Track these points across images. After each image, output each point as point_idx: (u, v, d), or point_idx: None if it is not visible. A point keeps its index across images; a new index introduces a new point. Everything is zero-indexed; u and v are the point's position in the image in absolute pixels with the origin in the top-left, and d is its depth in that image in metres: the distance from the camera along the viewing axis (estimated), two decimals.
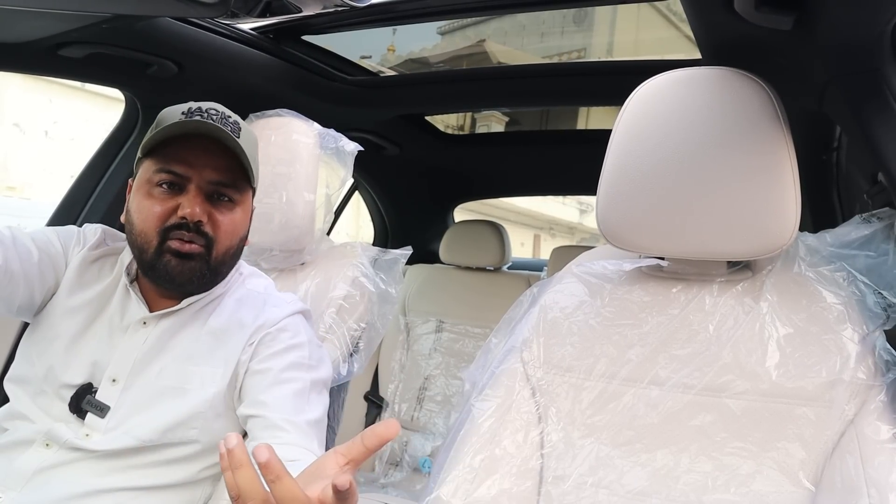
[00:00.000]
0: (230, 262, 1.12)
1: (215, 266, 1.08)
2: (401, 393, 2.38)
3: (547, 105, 2.63)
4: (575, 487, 0.95)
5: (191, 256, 1.04)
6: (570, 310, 1.04)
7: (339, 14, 1.67)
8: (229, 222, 1.08)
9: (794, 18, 0.87)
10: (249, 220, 1.16)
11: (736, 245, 0.90)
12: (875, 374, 0.86)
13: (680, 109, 0.93)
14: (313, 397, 1.08)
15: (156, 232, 1.03)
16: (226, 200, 1.08)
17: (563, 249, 2.43)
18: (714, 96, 0.91)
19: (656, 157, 0.92)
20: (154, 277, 1.07)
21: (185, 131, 1.03)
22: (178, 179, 1.04)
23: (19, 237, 1.08)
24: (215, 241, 1.06)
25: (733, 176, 0.89)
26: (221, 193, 1.07)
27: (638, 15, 2.38)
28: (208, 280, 1.09)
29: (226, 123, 1.05)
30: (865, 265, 0.93)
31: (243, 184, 1.09)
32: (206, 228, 1.05)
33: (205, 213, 1.04)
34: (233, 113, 1.09)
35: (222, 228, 1.07)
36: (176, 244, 1.03)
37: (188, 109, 1.05)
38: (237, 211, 1.09)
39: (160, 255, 1.03)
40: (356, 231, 5.45)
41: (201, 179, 1.04)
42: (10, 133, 6.48)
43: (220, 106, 1.08)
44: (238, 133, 1.06)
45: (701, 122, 0.91)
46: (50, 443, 1.02)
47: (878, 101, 0.88)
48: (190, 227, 1.03)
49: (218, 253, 1.07)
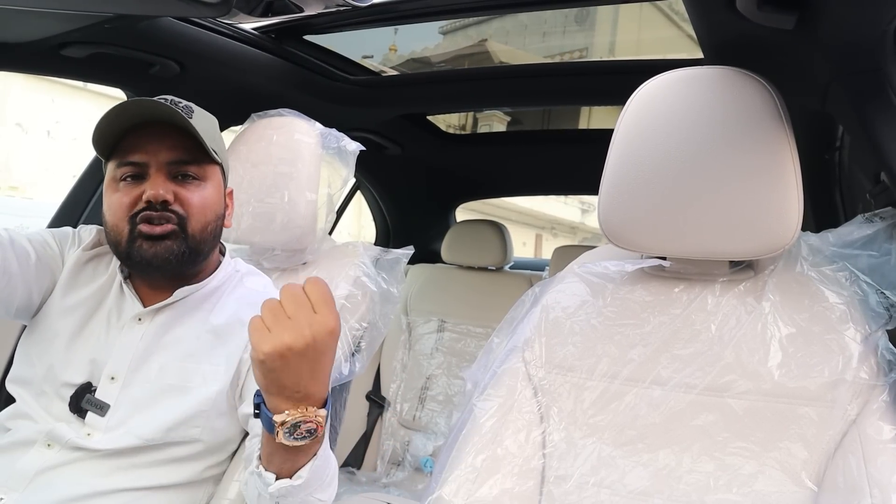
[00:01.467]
0: (211, 240, 1.11)
1: (194, 244, 1.07)
2: (402, 392, 2.38)
3: (549, 105, 2.63)
4: (577, 487, 0.95)
5: (163, 237, 1.04)
6: (571, 309, 1.03)
7: (340, 14, 1.67)
8: (199, 198, 1.07)
9: (796, 18, 0.87)
10: (224, 199, 1.15)
11: (738, 245, 0.90)
12: (878, 374, 0.86)
13: (682, 109, 0.92)
14: None
15: (125, 221, 1.04)
16: (191, 179, 1.08)
17: (564, 249, 2.43)
18: (716, 96, 0.91)
19: (658, 157, 0.92)
20: (132, 266, 1.08)
21: (131, 120, 1.04)
22: (138, 169, 1.04)
23: (16, 239, 1.08)
24: (188, 217, 1.06)
25: (736, 175, 0.89)
26: (185, 173, 1.07)
27: (640, 14, 2.38)
28: (188, 259, 1.07)
29: (175, 105, 1.05)
30: (868, 265, 0.93)
31: (205, 160, 1.09)
32: (175, 207, 1.05)
33: (169, 192, 1.04)
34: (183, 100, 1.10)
35: (193, 204, 1.06)
36: (146, 227, 1.03)
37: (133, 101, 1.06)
38: (206, 187, 1.09)
39: (132, 242, 1.04)
40: (358, 231, 5.46)
41: (159, 162, 1.04)
42: (12, 133, 6.49)
43: (169, 96, 1.09)
44: (190, 114, 1.06)
45: (703, 122, 0.91)
46: (52, 443, 1.02)
47: (881, 101, 0.88)
48: (157, 208, 1.03)
49: (194, 230, 1.07)
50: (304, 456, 0.87)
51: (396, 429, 2.33)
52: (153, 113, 1.03)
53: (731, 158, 0.89)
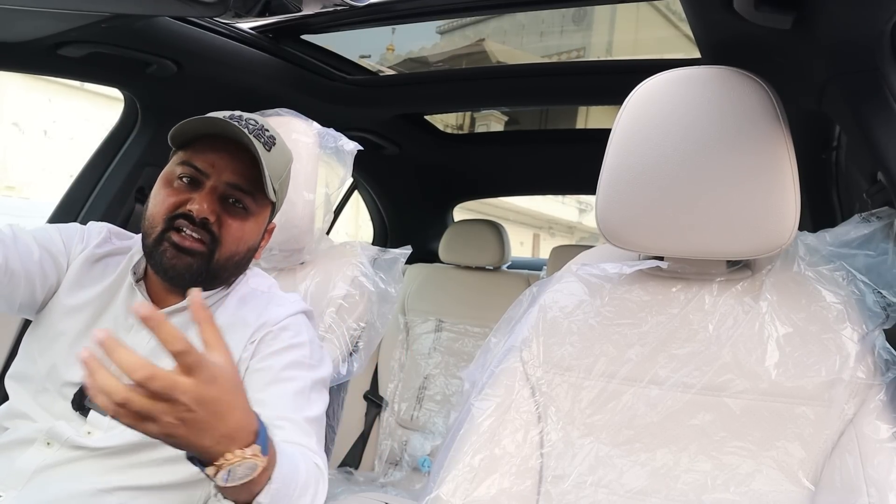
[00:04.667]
0: (233, 269, 1.12)
1: (215, 269, 1.08)
2: (400, 392, 2.38)
3: (546, 104, 2.63)
4: (574, 487, 0.95)
5: (189, 252, 1.04)
6: (569, 309, 1.04)
7: (338, 13, 1.67)
8: (238, 228, 1.08)
9: (793, 18, 0.87)
10: (262, 235, 1.16)
11: (735, 244, 0.90)
12: (874, 374, 0.86)
13: (679, 109, 0.93)
14: (314, 396, 1.07)
15: (162, 219, 1.04)
16: (239, 207, 1.08)
17: (562, 249, 2.44)
18: (713, 95, 0.91)
19: (656, 157, 0.92)
20: (152, 265, 1.08)
21: (212, 130, 1.05)
22: (197, 175, 1.05)
23: (20, 235, 1.08)
24: (220, 242, 1.06)
25: (733, 175, 0.89)
26: (237, 199, 1.07)
27: (637, 14, 2.38)
28: (204, 280, 1.08)
29: (260, 135, 1.06)
30: (865, 264, 0.93)
31: (261, 196, 1.09)
32: (213, 227, 1.05)
33: (213, 212, 1.04)
34: (269, 123, 1.11)
35: (229, 232, 1.07)
36: (176, 237, 1.04)
37: (230, 115, 1.07)
38: (249, 220, 1.10)
39: (159, 243, 1.04)
40: (355, 230, 5.45)
41: (219, 180, 1.05)
42: (9, 132, 6.48)
43: (262, 119, 1.10)
44: (270, 147, 1.07)
45: (700, 122, 0.91)
46: (51, 441, 1.02)
47: (878, 101, 0.88)
48: (195, 222, 1.03)
49: (221, 256, 1.07)
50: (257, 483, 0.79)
51: (394, 428, 2.33)
52: (236, 135, 1.03)
53: (729, 158, 0.89)
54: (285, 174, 1.16)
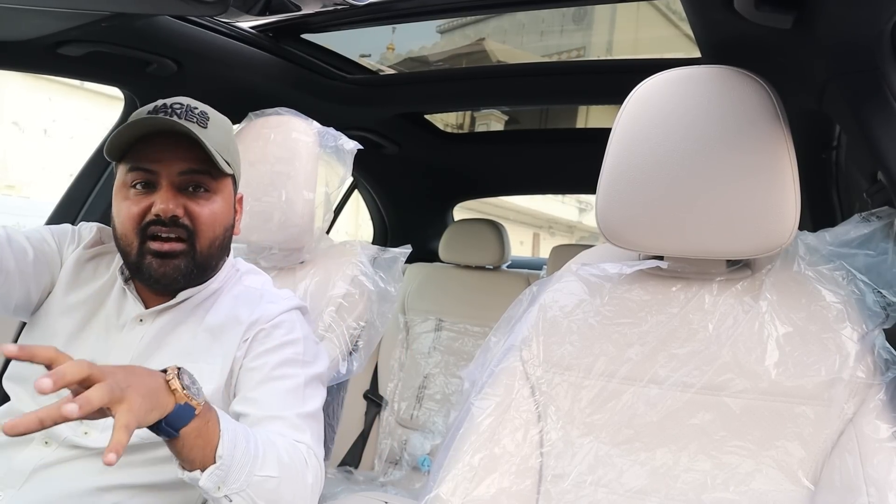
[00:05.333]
0: (218, 254, 1.12)
1: (202, 261, 1.08)
2: (400, 391, 2.38)
3: (546, 104, 2.63)
4: (574, 486, 0.95)
5: (172, 255, 1.04)
6: (569, 308, 1.04)
7: (338, 12, 1.67)
8: (209, 213, 1.07)
9: (793, 17, 0.87)
10: (234, 209, 1.15)
11: (735, 244, 0.90)
12: (874, 373, 0.86)
13: (679, 108, 0.93)
14: (308, 392, 1.07)
15: (134, 233, 1.04)
16: (202, 191, 1.07)
17: (562, 248, 2.43)
18: (713, 95, 0.91)
19: (656, 156, 0.92)
20: (141, 279, 1.08)
21: (143, 130, 1.03)
22: (149, 177, 1.04)
23: (14, 236, 1.08)
24: (196, 233, 1.06)
25: (733, 175, 0.89)
26: (197, 184, 1.07)
27: (637, 14, 2.38)
28: (196, 276, 1.09)
29: (190, 116, 1.05)
30: (865, 264, 0.93)
31: (217, 172, 1.08)
32: (185, 221, 1.05)
33: (179, 206, 1.04)
34: (200, 104, 1.10)
35: (202, 219, 1.06)
36: (156, 245, 1.04)
37: (153, 107, 1.06)
38: (216, 200, 1.09)
39: (142, 257, 1.04)
40: (355, 230, 5.45)
41: (171, 173, 1.04)
42: (9, 131, 6.48)
43: (186, 99, 1.08)
44: (205, 123, 1.06)
45: (700, 121, 0.91)
46: (49, 440, 1.02)
47: (878, 100, 0.88)
48: (166, 223, 1.03)
49: (202, 246, 1.07)
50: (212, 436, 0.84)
51: (394, 428, 2.33)
52: (168, 125, 1.03)
53: (729, 158, 0.89)
54: (230, 142, 1.14)
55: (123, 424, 0.70)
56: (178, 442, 0.81)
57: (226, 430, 0.85)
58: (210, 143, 1.04)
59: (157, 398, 0.77)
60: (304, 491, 0.95)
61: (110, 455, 0.67)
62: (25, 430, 0.68)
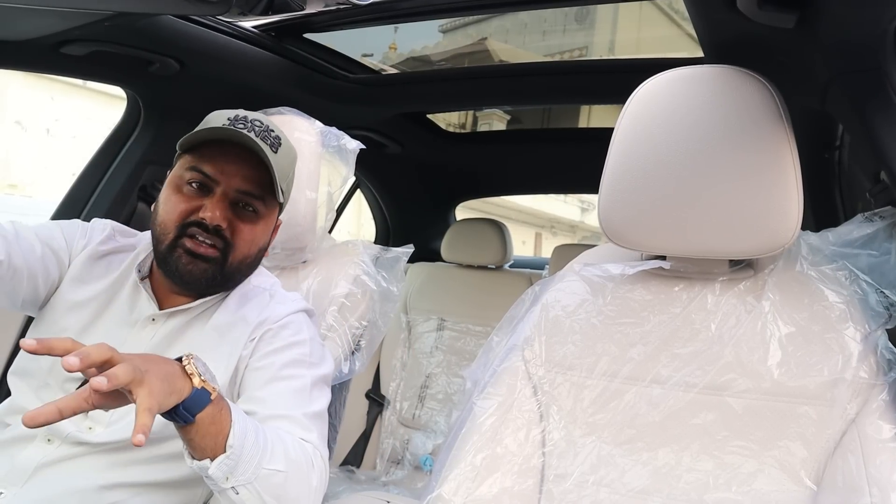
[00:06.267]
0: (245, 270, 1.14)
1: (229, 272, 1.10)
2: (402, 391, 2.38)
3: (548, 103, 2.63)
4: (576, 486, 0.95)
5: (204, 258, 1.05)
6: (571, 308, 1.04)
7: (341, 12, 1.67)
8: (249, 231, 1.09)
9: (796, 17, 0.87)
10: (271, 235, 1.17)
11: (738, 243, 0.90)
12: (877, 373, 0.86)
13: (682, 108, 0.92)
14: (315, 393, 1.08)
15: (175, 226, 1.05)
16: (250, 211, 1.09)
17: (564, 248, 2.43)
18: (716, 95, 0.91)
19: (658, 156, 0.92)
20: (165, 271, 1.08)
21: (220, 137, 1.05)
22: (207, 181, 1.06)
23: (22, 231, 1.08)
24: (233, 247, 1.08)
25: (735, 174, 0.89)
26: (247, 203, 1.09)
27: (640, 13, 2.38)
28: (219, 284, 1.10)
29: (266, 137, 1.07)
30: (868, 264, 0.93)
31: (270, 198, 1.10)
32: (226, 234, 1.06)
33: (225, 219, 1.06)
34: (273, 122, 1.11)
35: (241, 237, 1.08)
36: (190, 243, 1.05)
37: (234, 116, 1.07)
38: (260, 223, 1.11)
39: (173, 249, 1.05)
40: (357, 229, 5.45)
41: (229, 186, 1.06)
42: (11, 131, 6.49)
43: (264, 117, 1.10)
44: (276, 148, 1.08)
45: (703, 121, 0.91)
46: (52, 437, 1.02)
47: (881, 100, 0.88)
48: (209, 230, 1.05)
49: (234, 260, 1.09)
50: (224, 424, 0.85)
51: (396, 427, 2.33)
52: (242, 138, 1.04)
53: (731, 157, 0.89)
54: (291, 173, 1.17)
55: (146, 408, 0.72)
56: (192, 428, 0.82)
57: (237, 420, 0.86)
58: (276, 168, 1.06)
59: (174, 382, 0.79)
60: (309, 493, 0.95)
61: (139, 436, 0.69)
62: (46, 421, 0.70)
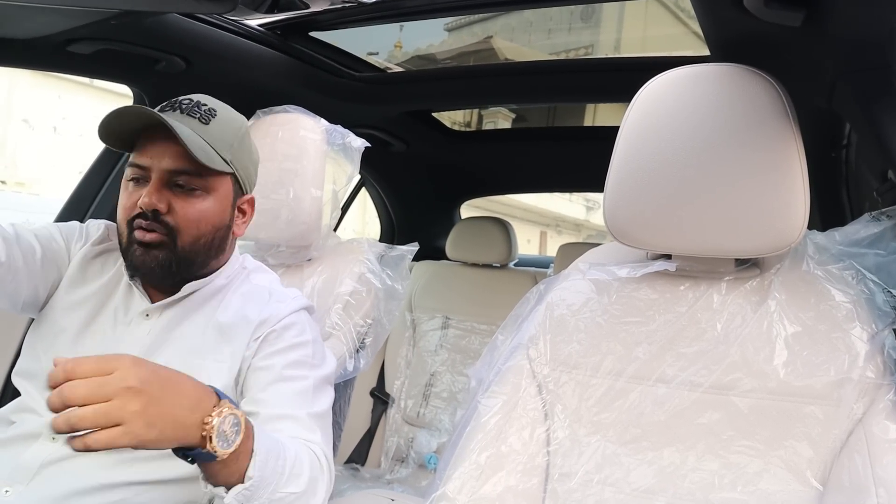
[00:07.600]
0: (205, 251, 1.11)
1: (184, 255, 1.07)
2: (407, 389, 2.38)
3: (554, 102, 2.63)
4: (581, 485, 0.95)
5: (152, 245, 1.05)
6: (576, 307, 1.03)
7: (346, 10, 1.67)
8: (193, 211, 1.07)
9: (803, 15, 0.86)
10: (232, 209, 1.14)
11: (744, 243, 0.90)
12: (884, 373, 0.85)
13: (688, 106, 0.92)
14: (318, 394, 1.08)
15: (125, 223, 1.06)
16: (192, 189, 1.07)
17: (569, 246, 2.43)
18: (722, 93, 0.91)
19: (664, 154, 0.92)
20: (129, 268, 1.09)
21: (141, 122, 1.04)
22: (142, 172, 1.06)
23: (22, 233, 1.09)
24: (178, 230, 1.06)
25: (742, 173, 0.88)
26: (184, 183, 1.06)
27: (646, 11, 2.38)
28: (177, 269, 1.08)
29: (194, 112, 1.06)
30: (875, 263, 0.92)
31: (210, 171, 1.07)
32: (167, 218, 1.05)
33: (163, 201, 1.04)
34: (211, 99, 1.10)
35: (185, 216, 1.06)
36: (138, 234, 1.05)
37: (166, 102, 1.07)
38: (207, 199, 1.08)
39: (129, 245, 1.06)
40: (362, 227, 5.46)
41: (160, 169, 1.04)
42: (19, 129, 6.51)
43: (200, 96, 1.09)
44: (208, 119, 1.06)
45: (709, 119, 0.90)
46: (56, 436, 1.02)
47: (888, 98, 0.88)
48: (148, 216, 1.04)
49: (184, 242, 1.07)
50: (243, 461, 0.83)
51: (400, 425, 2.34)
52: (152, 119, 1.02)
53: (738, 156, 0.89)
54: (237, 140, 1.12)
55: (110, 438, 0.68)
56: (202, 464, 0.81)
57: (259, 451, 0.83)
58: (210, 139, 1.05)
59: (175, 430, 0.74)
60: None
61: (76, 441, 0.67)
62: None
